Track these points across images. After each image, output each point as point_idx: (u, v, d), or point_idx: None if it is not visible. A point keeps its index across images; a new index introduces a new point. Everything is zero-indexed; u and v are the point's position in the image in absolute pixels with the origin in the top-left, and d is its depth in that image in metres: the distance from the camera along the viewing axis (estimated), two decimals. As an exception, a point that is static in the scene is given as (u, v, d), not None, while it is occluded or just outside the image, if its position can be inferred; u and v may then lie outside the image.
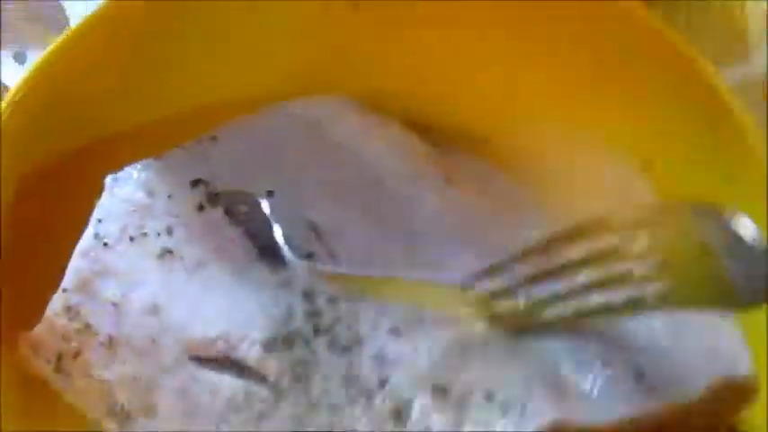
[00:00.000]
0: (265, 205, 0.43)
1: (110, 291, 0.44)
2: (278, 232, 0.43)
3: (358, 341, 0.41)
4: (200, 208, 0.44)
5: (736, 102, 0.43)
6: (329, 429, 0.40)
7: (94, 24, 0.45)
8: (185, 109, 0.50)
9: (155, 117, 0.50)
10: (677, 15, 0.60)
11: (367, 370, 0.41)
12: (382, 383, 0.40)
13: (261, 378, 0.42)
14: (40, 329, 0.44)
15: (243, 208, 0.44)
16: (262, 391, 0.41)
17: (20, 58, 0.58)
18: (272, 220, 0.43)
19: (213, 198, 0.45)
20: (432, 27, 0.50)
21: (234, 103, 0.50)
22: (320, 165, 0.47)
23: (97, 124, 0.48)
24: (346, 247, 0.44)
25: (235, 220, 0.45)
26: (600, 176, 0.48)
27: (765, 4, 0.61)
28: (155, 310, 0.43)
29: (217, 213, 0.44)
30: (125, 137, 0.49)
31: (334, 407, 0.41)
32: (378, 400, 0.40)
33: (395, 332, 0.41)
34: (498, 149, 0.51)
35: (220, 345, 0.42)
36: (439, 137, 0.52)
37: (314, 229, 0.44)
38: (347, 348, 0.41)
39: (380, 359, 0.41)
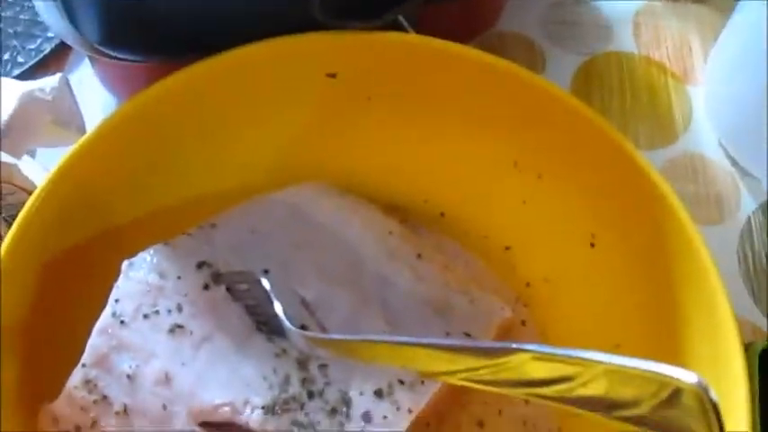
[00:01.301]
0: (266, 282, 0.50)
1: (125, 364, 0.49)
2: (277, 306, 0.49)
3: (347, 403, 0.48)
4: (206, 287, 0.51)
5: (665, 183, 0.49)
6: None
7: (111, 127, 0.51)
8: (188, 198, 0.56)
9: (161, 206, 0.56)
10: (612, 102, 0.69)
11: (357, 428, 0.47)
12: None
13: None
14: (60, 402, 0.49)
15: (243, 286, 0.50)
16: None
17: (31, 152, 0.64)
18: (271, 295, 0.49)
19: (216, 278, 0.51)
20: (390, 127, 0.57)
21: (228, 194, 0.56)
22: (306, 246, 0.54)
23: (111, 215, 0.54)
24: (334, 319, 0.51)
25: (236, 296, 0.51)
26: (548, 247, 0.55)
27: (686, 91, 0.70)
28: (166, 380, 0.48)
29: (220, 291, 0.51)
30: (136, 224, 0.55)
31: None
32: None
33: (379, 394, 0.48)
34: (452, 222, 0.58)
35: (226, 410, 0.48)
36: (405, 215, 0.59)
37: (305, 303, 0.51)
38: (336, 410, 0.47)
39: (368, 418, 0.47)
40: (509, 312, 0.53)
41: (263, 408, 0.47)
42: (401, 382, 0.48)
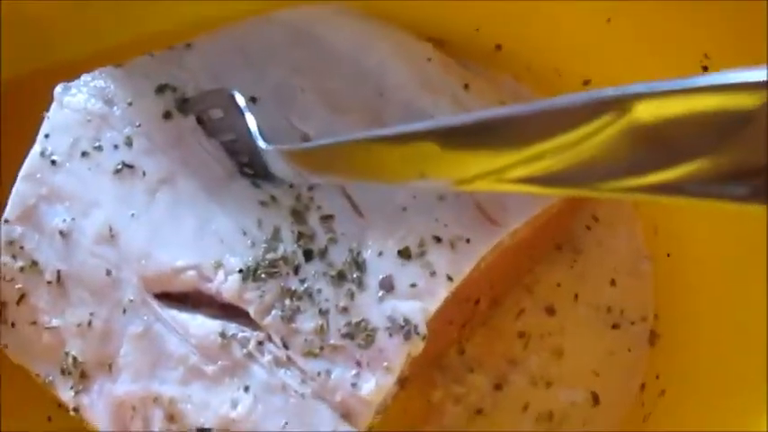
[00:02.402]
0: (239, 98, 0.35)
1: (58, 218, 0.36)
2: (250, 120, 0.35)
3: (359, 266, 0.33)
4: (167, 116, 0.37)
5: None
6: (327, 373, 0.32)
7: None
8: (168, 26, 0.43)
9: (125, 40, 0.43)
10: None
11: (372, 301, 0.33)
12: (392, 320, 0.32)
13: (241, 315, 0.34)
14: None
15: (217, 112, 0.36)
16: (242, 332, 0.33)
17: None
18: (245, 111, 0.35)
19: (183, 104, 0.37)
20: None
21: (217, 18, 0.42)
22: (310, 71, 0.40)
23: (58, 47, 0.42)
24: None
25: (211, 131, 0.37)
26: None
27: None
28: (110, 237, 0.35)
29: (187, 123, 0.37)
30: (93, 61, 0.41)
31: (334, 348, 0.33)
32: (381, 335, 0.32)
33: (405, 255, 0.33)
34: (511, 57, 0.44)
35: (190, 276, 0.34)
36: (451, 50, 0.44)
37: (306, 140, 0.37)
38: (344, 276, 0.33)
39: (389, 286, 0.33)
40: None
41: (240, 271, 0.33)
42: (437, 240, 0.34)
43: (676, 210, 0.39)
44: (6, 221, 0.37)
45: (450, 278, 0.33)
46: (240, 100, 0.35)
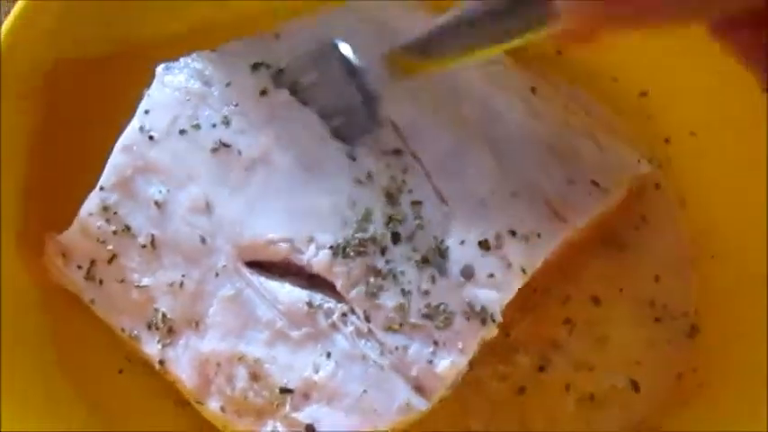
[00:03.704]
0: (345, 47, 0.37)
1: (153, 188, 0.38)
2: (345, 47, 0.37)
3: (442, 253, 0.36)
4: (263, 93, 0.39)
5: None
6: (404, 348, 0.35)
7: None
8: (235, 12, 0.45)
9: (200, 20, 0.45)
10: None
11: (453, 287, 0.36)
12: (470, 306, 0.35)
13: (327, 287, 0.36)
14: (71, 231, 0.39)
15: (311, 77, 0.38)
16: (327, 303, 0.36)
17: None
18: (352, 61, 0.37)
19: (278, 77, 0.39)
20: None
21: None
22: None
23: (136, 30, 0.44)
24: (432, 152, 0.39)
25: (303, 98, 0.39)
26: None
27: None
28: (206, 208, 0.38)
29: (282, 96, 0.39)
30: (169, 44, 0.43)
31: (413, 327, 0.36)
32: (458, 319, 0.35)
33: (484, 246, 0.36)
34: (571, 61, 0.46)
35: (282, 247, 0.37)
36: (512, 53, 0.46)
37: (395, 127, 0.39)
38: (428, 261, 0.36)
39: (469, 274, 0.36)
40: (646, 167, 0.42)
41: (330, 247, 0.36)
42: (512, 234, 0.37)
43: (722, 213, 0.42)
44: (102, 188, 0.39)
45: (524, 270, 0.36)
46: (345, 49, 0.37)
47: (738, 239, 0.41)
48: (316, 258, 0.36)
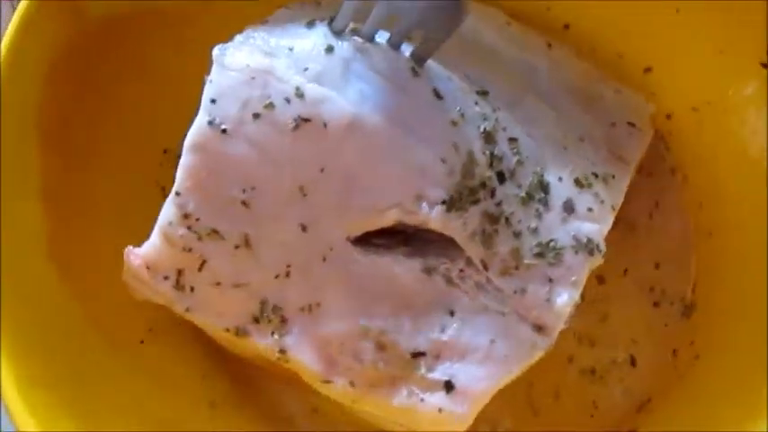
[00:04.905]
0: None
1: (236, 188, 0.36)
2: None
3: (544, 188, 0.37)
4: (329, 50, 0.36)
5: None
6: (522, 291, 0.36)
7: None
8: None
9: None
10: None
11: (557, 221, 0.36)
12: (576, 239, 0.36)
13: (440, 245, 0.36)
14: (152, 244, 0.37)
15: (367, 7, 0.35)
16: (443, 264, 0.36)
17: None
18: None
19: (339, 29, 0.36)
20: None
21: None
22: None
23: None
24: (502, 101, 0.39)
25: (369, 34, 0.36)
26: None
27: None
28: (300, 194, 0.36)
29: (348, 48, 0.36)
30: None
31: (527, 267, 0.36)
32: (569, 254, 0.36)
33: (579, 184, 0.37)
34: (579, 36, 0.46)
35: (392, 213, 0.35)
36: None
37: (468, 78, 0.39)
38: (532, 197, 0.36)
39: (570, 208, 0.37)
40: (653, 107, 0.44)
41: (443, 202, 0.35)
42: (594, 175, 0.38)
43: (722, 188, 0.43)
44: (178, 194, 0.36)
45: (612, 207, 0.38)
46: None
47: (738, 215, 0.43)
48: (431, 216, 0.35)
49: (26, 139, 0.39)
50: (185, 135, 0.36)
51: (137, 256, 0.37)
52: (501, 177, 0.36)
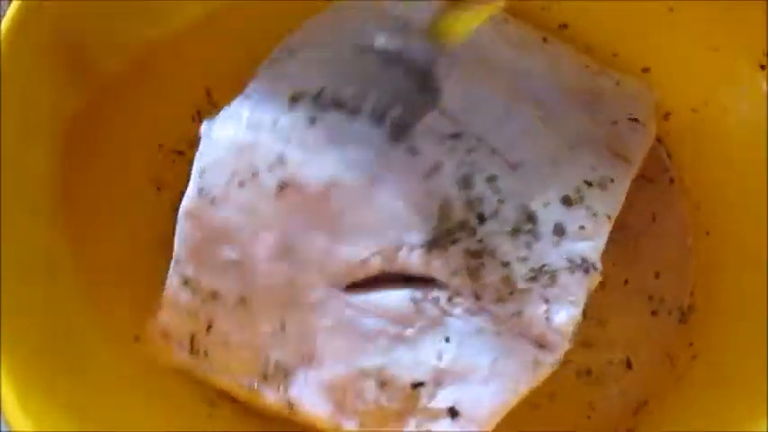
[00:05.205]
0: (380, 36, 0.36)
1: (227, 250, 0.39)
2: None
3: (531, 218, 0.38)
4: (312, 121, 0.38)
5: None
6: (519, 314, 0.37)
7: None
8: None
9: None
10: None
11: (549, 246, 0.37)
12: (570, 260, 0.37)
13: (425, 281, 0.37)
14: (164, 311, 0.40)
15: (351, 89, 0.36)
16: (431, 293, 0.37)
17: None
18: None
19: (317, 102, 0.38)
20: None
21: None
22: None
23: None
24: (480, 121, 0.40)
25: (350, 108, 0.37)
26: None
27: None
28: (286, 252, 0.38)
29: (331, 117, 0.37)
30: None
31: (522, 292, 0.37)
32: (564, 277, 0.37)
33: (567, 202, 0.38)
34: (576, 36, 0.46)
35: (376, 261, 0.37)
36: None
37: (443, 113, 0.39)
38: (519, 229, 0.37)
39: (561, 231, 0.37)
40: (657, 95, 0.44)
41: (422, 246, 0.37)
42: (588, 184, 0.39)
43: (720, 189, 0.44)
44: (177, 262, 0.39)
45: (608, 217, 0.38)
46: (379, 38, 0.36)
47: (736, 216, 0.43)
48: (411, 260, 0.37)
49: (26, 138, 0.39)
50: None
51: (154, 325, 0.40)
52: (481, 217, 0.37)
